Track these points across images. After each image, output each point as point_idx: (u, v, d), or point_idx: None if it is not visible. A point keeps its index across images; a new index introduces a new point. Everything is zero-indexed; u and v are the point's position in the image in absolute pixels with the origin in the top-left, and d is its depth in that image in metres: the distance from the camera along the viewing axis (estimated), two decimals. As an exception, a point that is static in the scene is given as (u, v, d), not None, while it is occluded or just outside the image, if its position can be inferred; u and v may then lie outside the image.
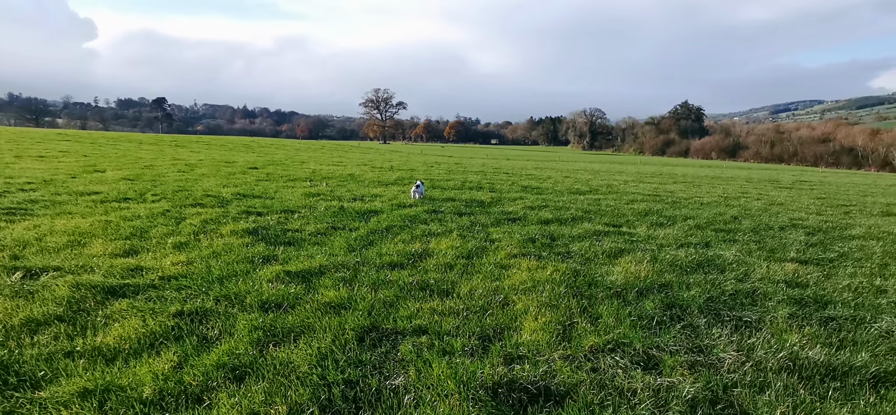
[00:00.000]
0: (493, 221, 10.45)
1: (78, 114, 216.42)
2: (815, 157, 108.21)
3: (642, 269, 6.92)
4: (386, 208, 11.35)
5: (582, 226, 10.39)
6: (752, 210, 14.26)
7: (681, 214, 12.69)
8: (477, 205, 12.58)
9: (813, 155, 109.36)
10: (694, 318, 5.21)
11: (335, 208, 11.09)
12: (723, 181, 28.26)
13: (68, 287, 5.27)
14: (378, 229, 9.13)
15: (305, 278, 6.05)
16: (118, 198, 11.53)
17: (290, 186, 15.19)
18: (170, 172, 18.04)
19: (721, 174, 39.06)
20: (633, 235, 9.74)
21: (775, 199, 18.38)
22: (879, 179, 52.29)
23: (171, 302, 5.08)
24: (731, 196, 18.40)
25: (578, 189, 18.26)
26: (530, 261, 7.21)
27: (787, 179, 34.30)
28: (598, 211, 12.56)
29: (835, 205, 17.41)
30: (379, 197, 13.32)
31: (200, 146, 41.34)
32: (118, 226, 8.47)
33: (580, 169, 35.26)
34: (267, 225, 9.04)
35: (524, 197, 14.60)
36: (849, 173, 67.13)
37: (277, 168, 21.79)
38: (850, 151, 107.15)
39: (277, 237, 8.23)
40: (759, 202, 16.71)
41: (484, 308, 5.27)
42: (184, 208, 10.49)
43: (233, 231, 8.36)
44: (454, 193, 14.93)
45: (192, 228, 8.55)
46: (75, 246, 7.20)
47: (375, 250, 7.57)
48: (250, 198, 12.33)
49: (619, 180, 24.52)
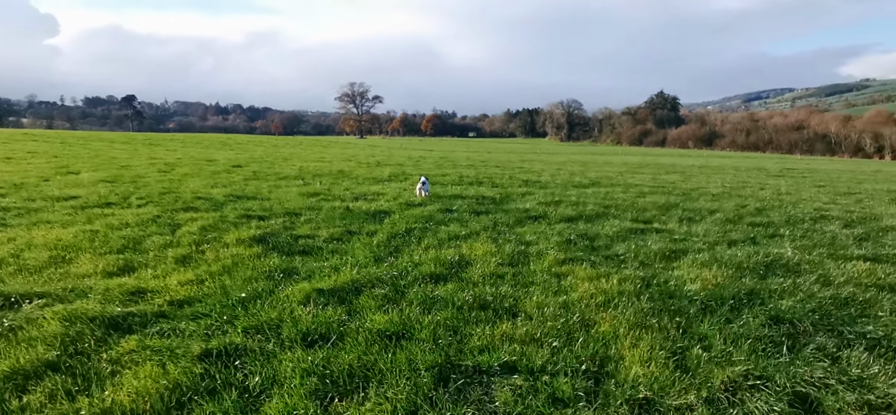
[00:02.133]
0: (515, 221, 9.62)
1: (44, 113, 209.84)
2: (789, 144, 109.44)
3: (712, 274, 6.15)
4: (395, 208, 10.45)
5: (610, 223, 9.62)
6: (767, 201, 13.66)
7: (702, 207, 12.02)
8: (489, 202, 11.75)
9: (788, 142, 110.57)
10: (814, 337, 4.42)
11: (341, 209, 10.16)
12: (714, 171, 27.86)
13: (59, 321, 4.27)
14: (397, 233, 8.23)
15: (342, 298, 5.12)
16: (99, 203, 10.44)
17: (282, 185, 14.18)
18: (149, 172, 16.87)
19: (707, 163, 38.84)
20: (670, 232, 8.99)
21: (779, 188, 17.87)
22: (859, 164, 52.79)
23: (191, 338, 4.12)
24: (734, 187, 17.84)
25: (579, 182, 17.52)
26: (584, 268, 6.39)
27: (774, 168, 34.11)
28: (616, 205, 11.82)
29: (841, 193, 16.96)
30: (382, 195, 12.40)
31: (176, 144, 39.78)
32: (106, 236, 7.44)
33: (567, 161, 34.63)
34: (273, 231, 8.09)
35: (532, 192, 13.81)
36: (827, 160, 67.83)
37: (262, 166, 20.69)
38: (824, 137, 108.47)
39: (289, 245, 7.29)
40: (765, 192, 16.16)
41: (565, 332, 4.42)
42: (175, 213, 9.46)
43: (239, 240, 7.39)
44: (457, 189, 14.06)
45: (192, 237, 7.55)
46: (60, 263, 6.17)
47: (406, 259, 6.67)
48: (245, 199, 11.33)
49: (614, 172, 23.90)
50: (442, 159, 30.14)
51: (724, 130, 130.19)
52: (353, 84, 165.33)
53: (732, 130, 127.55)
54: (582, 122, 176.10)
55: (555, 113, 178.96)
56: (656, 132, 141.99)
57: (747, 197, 14.49)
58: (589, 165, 29.97)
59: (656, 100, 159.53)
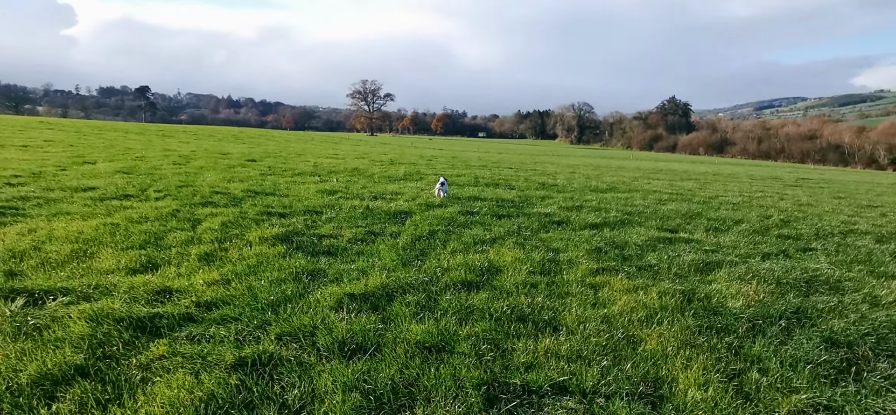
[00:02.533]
0: (539, 226, 9.41)
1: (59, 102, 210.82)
2: (801, 153, 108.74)
3: (754, 289, 5.92)
4: (415, 209, 10.26)
5: (636, 231, 9.41)
6: (789, 212, 13.38)
7: (725, 216, 11.78)
8: (509, 205, 11.54)
9: (800, 152, 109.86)
10: (876, 363, 4.19)
11: (361, 209, 9.98)
12: (729, 178, 27.49)
13: (86, 320, 4.10)
14: (421, 235, 8.04)
15: (374, 305, 4.93)
16: (117, 194, 10.31)
17: (299, 181, 14.03)
18: (165, 164, 16.76)
19: (720, 171, 38.38)
20: (699, 242, 8.76)
21: (798, 199, 17.52)
22: (875, 176, 52.13)
23: (223, 343, 3.94)
24: (753, 196, 17.52)
25: (596, 187, 17.25)
26: (619, 279, 6.18)
27: (789, 178, 33.63)
28: (639, 212, 11.59)
29: (863, 206, 16.61)
30: (400, 195, 12.22)
31: (189, 136, 39.80)
32: (127, 231, 7.28)
33: (580, 164, 34.30)
34: (296, 230, 7.91)
35: (551, 196, 13.57)
36: (841, 171, 67.07)
37: (277, 161, 20.55)
38: (837, 148, 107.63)
39: (313, 245, 7.11)
40: (785, 203, 15.85)
41: (612, 350, 4.22)
42: (194, 208, 9.31)
43: (262, 238, 7.21)
44: (474, 190, 13.86)
45: (213, 233, 7.39)
46: (81, 257, 6.02)
47: (433, 263, 6.48)
48: (263, 195, 11.17)
49: (629, 177, 23.55)
50: (454, 159, 29.92)
51: (736, 138, 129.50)
52: (365, 82, 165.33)
53: (744, 138, 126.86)
54: (592, 125, 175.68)
55: (566, 115, 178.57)
56: (667, 138, 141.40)
57: (769, 207, 14.21)
58: (602, 169, 29.65)
59: (668, 105, 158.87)
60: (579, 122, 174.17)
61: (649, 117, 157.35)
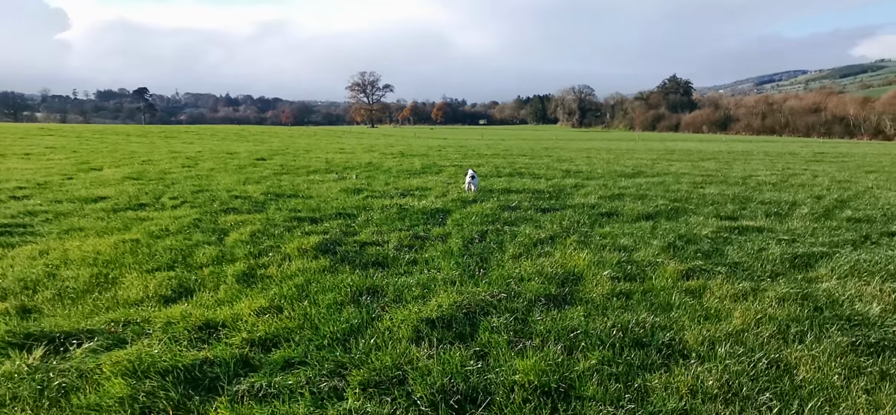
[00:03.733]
0: (590, 219, 8.64)
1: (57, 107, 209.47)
2: (806, 127, 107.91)
3: (878, 288, 5.15)
4: (451, 207, 9.50)
5: (694, 220, 8.66)
6: (835, 190, 12.59)
7: (775, 199, 11.05)
8: (548, 197, 10.77)
9: (805, 125, 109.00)
10: None
11: (394, 209, 9.21)
12: (744, 156, 26.58)
13: (122, 376, 3.30)
14: (470, 237, 7.26)
15: (459, 333, 4.12)
16: (131, 204, 9.54)
17: (317, 180, 13.24)
18: (173, 167, 15.98)
19: (732, 148, 37.45)
20: (770, 230, 8.00)
21: (833, 176, 16.66)
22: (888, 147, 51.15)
23: (297, 401, 3.11)
24: (784, 174, 16.67)
25: (623, 172, 16.45)
26: (717, 282, 5.39)
27: (805, 152, 32.74)
28: (683, 198, 10.84)
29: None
30: (427, 190, 11.45)
31: (191, 136, 38.96)
32: (150, 248, 6.50)
33: (591, 148, 33.43)
34: (334, 237, 7.13)
35: (582, 185, 12.77)
36: (853, 143, 66.05)
37: (286, 159, 19.76)
38: (842, 120, 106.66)
39: (358, 256, 6.33)
40: (822, 179, 15.10)
41: (765, 382, 3.43)
42: (217, 216, 8.55)
43: (300, 249, 6.42)
44: (501, 182, 13.09)
45: (245, 246, 6.60)
46: (104, 285, 5.24)
47: (500, 271, 5.69)
48: (286, 198, 10.40)
49: (648, 159, 22.68)
50: (462, 148, 29.06)
51: (739, 114, 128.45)
52: (364, 73, 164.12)
53: (747, 114, 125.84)
54: (594, 107, 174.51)
55: (566, 99, 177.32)
56: (669, 117, 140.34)
57: (810, 186, 13.41)
58: (616, 152, 28.78)
59: (669, 84, 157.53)
60: (580, 105, 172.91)
61: (650, 97, 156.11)
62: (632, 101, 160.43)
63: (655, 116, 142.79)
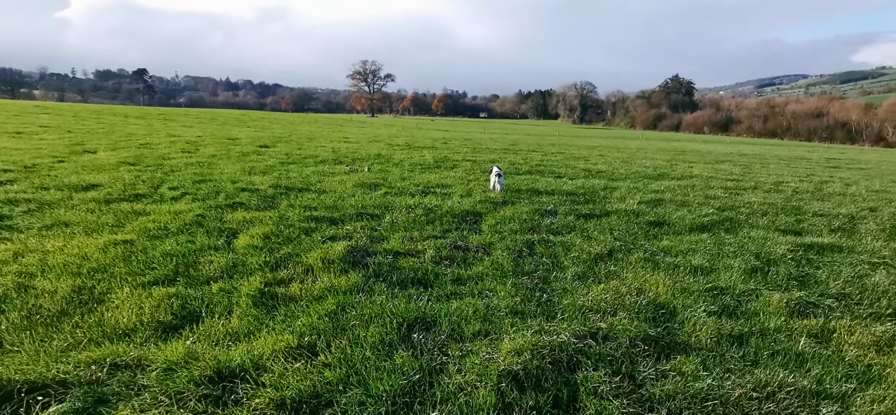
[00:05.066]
0: (640, 230, 7.68)
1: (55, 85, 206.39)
2: (808, 131, 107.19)
3: None
4: (481, 209, 8.54)
5: (756, 234, 7.75)
6: (882, 204, 11.58)
7: (825, 210, 10.16)
8: (582, 201, 9.79)
9: (806, 130, 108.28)
10: None
11: (419, 210, 8.23)
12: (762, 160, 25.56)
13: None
14: (519, 249, 6.29)
15: (554, 397, 3.12)
16: (126, 194, 8.52)
17: (326, 172, 12.23)
18: (172, 152, 14.93)
19: (743, 151, 36.43)
20: (851, 250, 7.10)
21: (867, 185, 15.68)
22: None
23: None
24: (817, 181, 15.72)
25: (645, 173, 15.43)
26: (841, 323, 4.41)
27: (819, 158, 31.65)
28: (730, 207, 9.87)
29: None
30: (449, 188, 10.47)
31: (191, 120, 37.78)
32: (146, 252, 5.48)
33: (599, 146, 32.23)
34: (360, 245, 6.13)
35: (613, 187, 11.77)
36: (860, 150, 65.15)
37: (291, 147, 18.70)
38: (844, 125, 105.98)
39: (391, 270, 5.32)
40: (855, 189, 14.08)
41: None
42: (223, 212, 7.55)
43: (325, 260, 5.42)
44: (524, 180, 12.15)
45: (258, 254, 5.59)
46: (87, 304, 4.21)
47: (573, 299, 4.69)
48: (297, 191, 9.41)
49: (662, 161, 21.53)
50: (468, 141, 27.97)
51: (741, 116, 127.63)
52: (365, 62, 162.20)
53: (749, 116, 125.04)
54: (595, 104, 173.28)
55: (568, 95, 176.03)
56: (671, 116, 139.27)
57: (852, 196, 12.44)
58: (626, 151, 27.57)
59: (671, 84, 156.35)
60: (582, 101, 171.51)
61: (652, 96, 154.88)
62: (633, 99, 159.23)
63: (657, 115, 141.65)
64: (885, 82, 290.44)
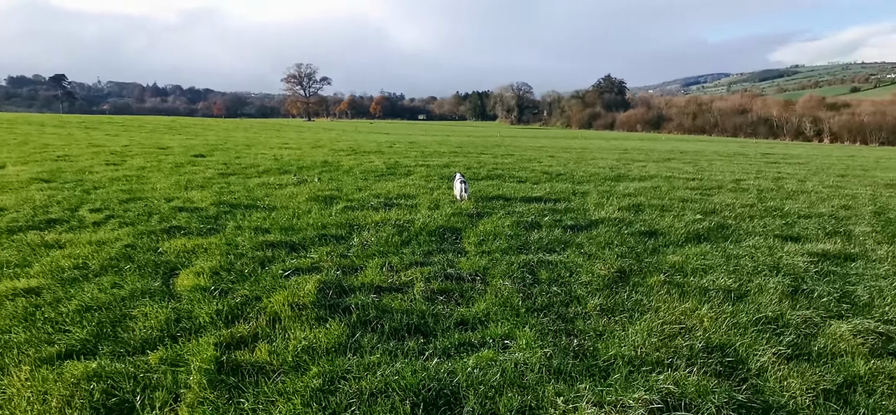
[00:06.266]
0: (639, 244, 6.91)
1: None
2: (734, 127, 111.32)
3: None
4: (457, 223, 7.61)
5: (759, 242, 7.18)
6: (859, 201, 11.30)
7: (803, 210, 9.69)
8: (563, 210, 8.96)
9: (732, 126, 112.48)
10: None
11: (390, 227, 7.19)
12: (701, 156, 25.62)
13: None
14: (519, 276, 5.36)
15: None
16: (36, 221, 7.10)
17: (273, 183, 10.96)
18: (95, 165, 13.29)
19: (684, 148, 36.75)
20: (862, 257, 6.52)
21: (821, 181, 15.66)
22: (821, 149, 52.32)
23: None
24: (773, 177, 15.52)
25: (604, 175, 14.72)
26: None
27: (754, 154, 32.04)
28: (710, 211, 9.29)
29: (884, 184, 14.80)
30: (413, 200, 9.46)
31: (116, 128, 35.10)
32: (57, 305, 4.21)
33: (545, 147, 31.61)
34: (332, 278, 5.04)
35: (581, 191, 10.98)
36: (786, 145, 67.75)
37: (228, 155, 17.20)
38: (766, 121, 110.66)
39: (379, 314, 4.26)
40: (811, 185, 13.87)
41: None
42: (157, 240, 6.30)
43: (293, 304, 4.30)
44: (486, 187, 11.19)
45: (208, 301, 4.40)
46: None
47: (615, 347, 3.77)
48: (244, 209, 8.21)
49: (612, 160, 20.99)
50: (414, 144, 26.88)
51: (671, 114, 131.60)
52: (300, 65, 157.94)
53: (679, 114, 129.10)
54: (531, 105, 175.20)
55: (505, 96, 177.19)
56: (605, 115, 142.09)
57: (816, 194, 12.05)
58: (574, 150, 26.94)
59: (603, 84, 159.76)
60: (519, 102, 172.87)
61: (586, 96, 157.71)
62: (568, 99, 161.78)
63: (591, 114, 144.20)
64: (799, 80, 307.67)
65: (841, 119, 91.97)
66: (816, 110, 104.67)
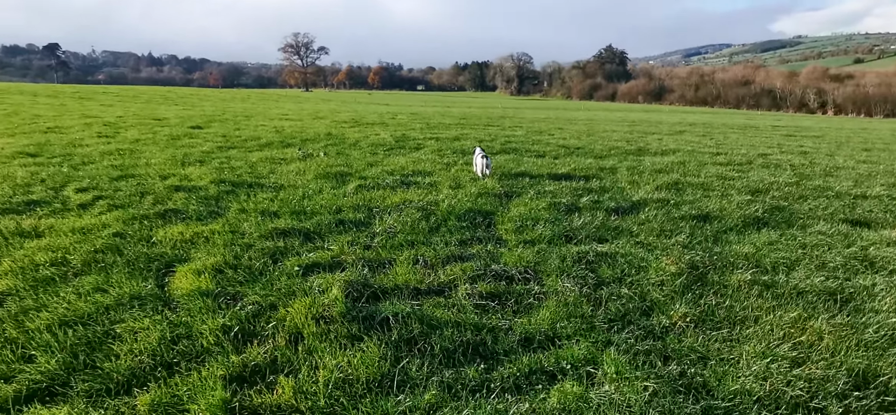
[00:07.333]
0: (697, 231, 6.10)
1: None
2: (737, 99, 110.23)
3: None
4: (485, 206, 6.75)
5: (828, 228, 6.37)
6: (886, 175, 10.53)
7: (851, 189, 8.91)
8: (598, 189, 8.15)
9: (735, 97, 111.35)
10: None
11: (414, 210, 6.37)
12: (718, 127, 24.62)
13: None
14: (572, 272, 4.54)
15: None
16: (12, 203, 6.26)
17: (276, 158, 10.09)
18: (86, 138, 12.39)
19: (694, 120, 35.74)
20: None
21: (851, 155, 14.84)
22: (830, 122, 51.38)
23: None
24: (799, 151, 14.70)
25: (625, 148, 13.78)
26: None
27: (764, 126, 31.05)
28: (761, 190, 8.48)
29: None
30: (430, 177, 8.63)
31: (111, 98, 33.96)
32: (24, 320, 3.38)
33: (551, 118, 30.58)
34: (358, 278, 4.20)
35: (611, 168, 10.15)
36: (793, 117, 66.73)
37: (227, 127, 16.24)
38: (769, 92, 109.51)
39: (424, 329, 3.45)
40: (840, 160, 13.06)
41: None
42: (151, 227, 5.47)
43: (318, 317, 3.47)
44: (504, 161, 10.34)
45: (212, 313, 3.58)
46: None
47: (735, 379, 2.99)
48: (246, 188, 7.38)
49: (625, 132, 20.04)
50: (416, 115, 25.82)
51: (673, 85, 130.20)
52: (298, 35, 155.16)
53: (681, 85, 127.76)
54: (531, 75, 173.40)
55: (505, 66, 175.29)
56: (606, 86, 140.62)
57: (845, 168, 11.26)
58: (583, 122, 25.84)
59: (605, 54, 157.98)
60: (519, 72, 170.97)
61: (587, 66, 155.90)
62: (569, 69, 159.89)
63: (592, 85, 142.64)
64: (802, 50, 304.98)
65: (845, 91, 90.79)
66: (820, 82, 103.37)
